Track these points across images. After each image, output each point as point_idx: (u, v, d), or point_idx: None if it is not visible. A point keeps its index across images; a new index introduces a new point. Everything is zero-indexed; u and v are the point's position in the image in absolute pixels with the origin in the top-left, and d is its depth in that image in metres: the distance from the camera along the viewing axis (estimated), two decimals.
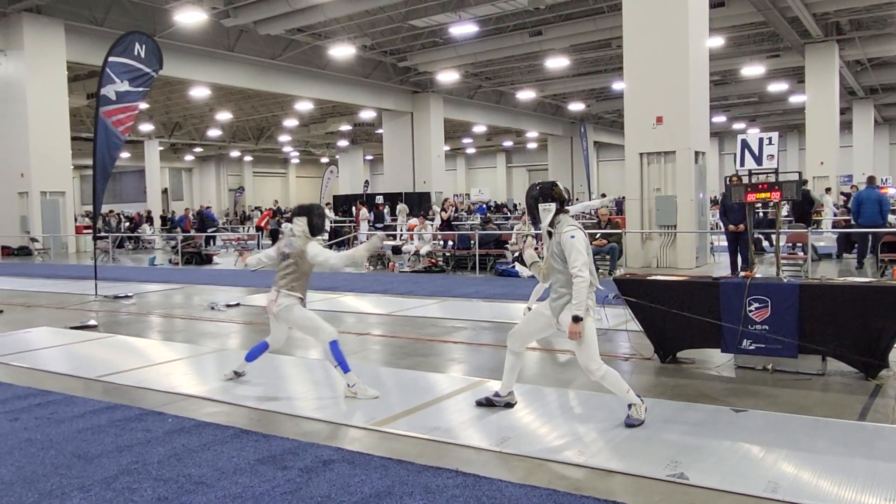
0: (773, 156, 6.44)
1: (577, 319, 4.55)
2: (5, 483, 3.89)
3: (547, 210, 4.76)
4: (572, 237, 4.61)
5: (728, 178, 7.48)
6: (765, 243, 15.83)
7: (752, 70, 30.15)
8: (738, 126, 47.41)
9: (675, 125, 14.26)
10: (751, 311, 5.90)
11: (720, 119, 43.83)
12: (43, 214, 23.24)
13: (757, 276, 6.19)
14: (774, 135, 6.59)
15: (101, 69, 12.04)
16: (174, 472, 4.01)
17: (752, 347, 5.95)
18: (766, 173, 6.68)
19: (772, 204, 7.52)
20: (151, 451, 4.35)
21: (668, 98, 14.26)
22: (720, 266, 14.35)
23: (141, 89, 12.32)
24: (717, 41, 23.20)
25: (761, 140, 6.53)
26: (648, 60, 14.48)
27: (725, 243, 12.62)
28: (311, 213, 5.86)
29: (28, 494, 3.74)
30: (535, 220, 4.92)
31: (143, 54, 12.14)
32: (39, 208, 23.13)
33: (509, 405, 5.15)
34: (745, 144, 6.51)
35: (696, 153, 14.54)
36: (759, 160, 6.54)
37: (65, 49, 22.54)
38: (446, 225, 20.53)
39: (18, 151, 22.70)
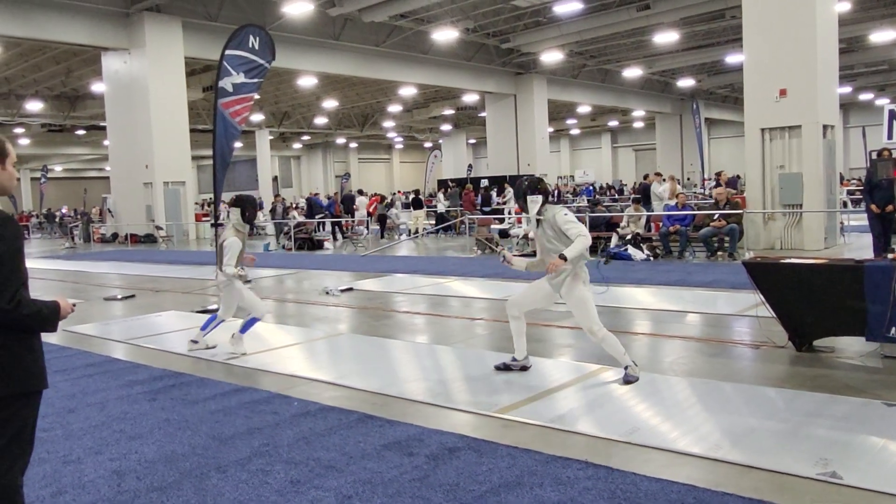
0: None
1: (562, 257, 5.09)
2: (148, 461, 4.07)
3: (534, 201, 5.41)
4: (565, 214, 5.36)
5: (878, 153, 6.85)
6: None
7: (882, 35, 27.93)
8: (864, 97, 44.32)
9: (800, 98, 13.37)
10: None
11: (845, 90, 40.91)
12: (165, 203, 24.57)
13: None
14: None
15: (218, 62, 12.44)
16: (304, 455, 4.07)
17: None
18: None
19: None
20: (281, 434, 4.44)
21: (792, 69, 13.38)
22: (851, 248, 13.42)
23: (256, 80, 12.66)
24: (844, 6, 21.60)
25: None
26: (771, 29, 13.62)
27: (855, 223, 11.70)
28: (244, 206, 6.76)
29: (169, 473, 3.88)
30: (524, 209, 5.59)
31: (257, 46, 12.46)
32: (162, 198, 24.47)
33: (524, 368, 5.72)
34: (893, 115, 5.96)
35: (825, 127, 13.61)
36: None
37: (182, 45, 23.64)
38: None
39: (143, 144, 24.05)
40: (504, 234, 17.39)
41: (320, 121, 46.56)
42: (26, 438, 2.60)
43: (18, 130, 42.05)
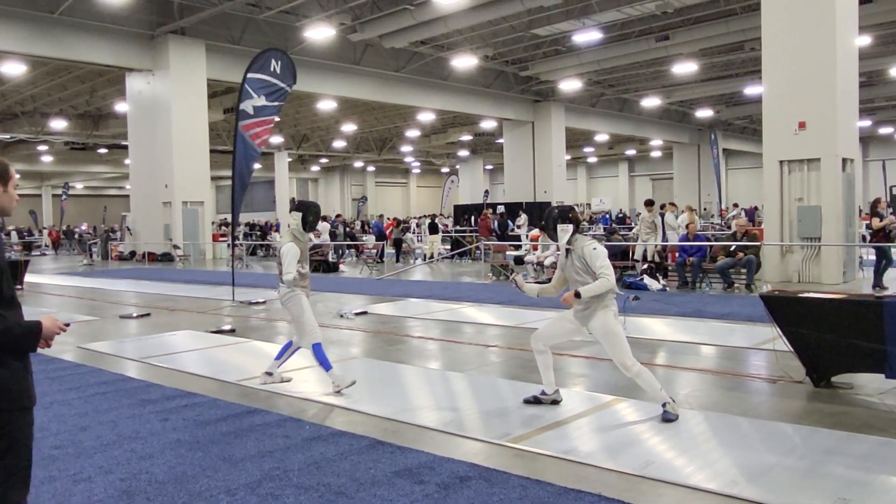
0: None
1: (577, 295, 5.07)
2: (159, 482, 4.05)
3: (564, 230, 5.27)
4: (594, 248, 5.17)
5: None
6: None
7: None
8: (884, 131, 44.16)
9: (820, 130, 13.32)
10: None
11: (864, 123, 40.84)
12: (184, 223, 24.78)
13: None
14: None
15: (240, 85, 12.62)
16: (314, 480, 4.04)
17: None
18: None
19: None
20: (291, 458, 4.41)
21: (812, 101, 13.34)
22: (870, 282, 13.25)
23: (276, 103, 12.83)
24: (864, 40, 21.61)
25: None
26: (791, 62, 13.61)
27: (875, 257, 11.56)
28: (306, 210, 6.29)
29: (179, 495, 3.87)
30: (553, 238, 5.45)
31: (278, 70, 12.64)
32: (181, 217, 24.68)
33: (555, 402, 5.54)
34: None
35: (844, 160, 13.54)
36: None
37: (205, 67, 23.99)
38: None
39: (163, 164, 24.34)
40: (519, 260, 17.36)
41: (338, 144, 46.96)
42: (17, 455, 2.55)
43: (42, 148, 42.75)
